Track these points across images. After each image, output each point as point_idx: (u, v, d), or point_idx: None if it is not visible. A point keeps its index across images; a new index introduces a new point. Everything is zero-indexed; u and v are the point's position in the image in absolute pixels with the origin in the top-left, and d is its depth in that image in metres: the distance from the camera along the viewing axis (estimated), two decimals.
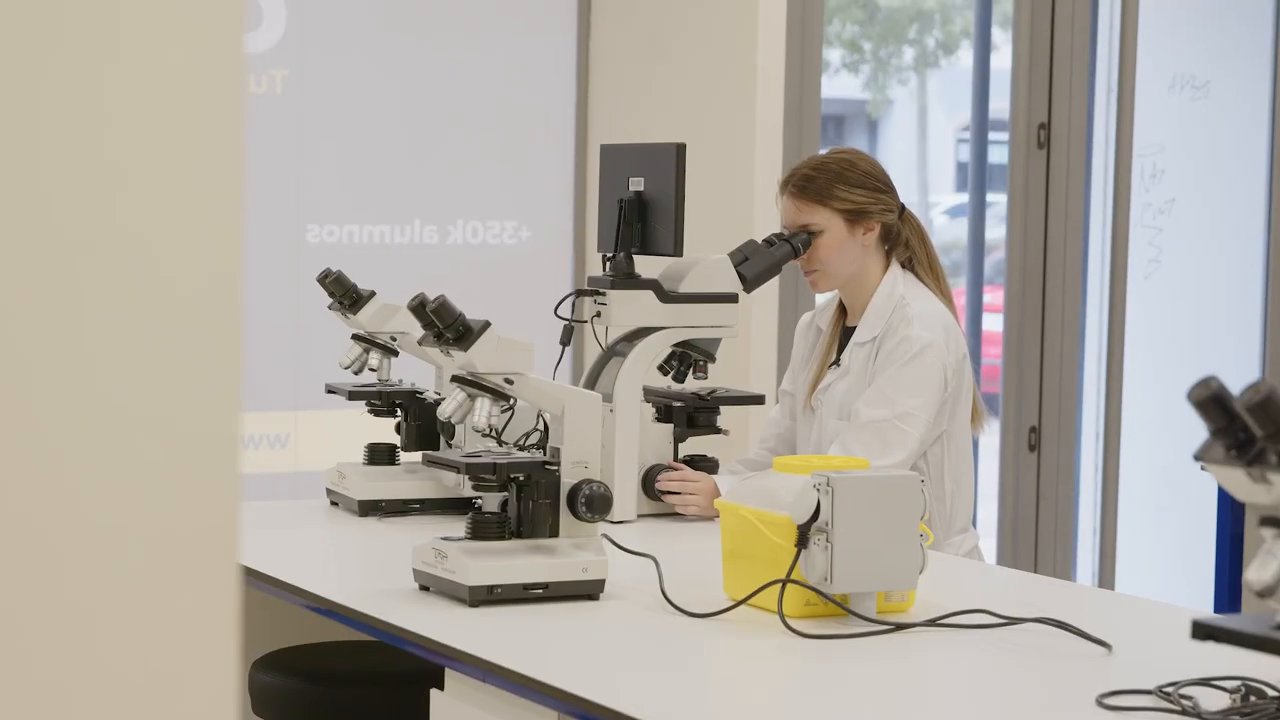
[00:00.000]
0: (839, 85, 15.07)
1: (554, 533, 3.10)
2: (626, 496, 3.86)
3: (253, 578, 3.37)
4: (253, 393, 5.81)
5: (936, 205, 15.26)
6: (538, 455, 3.13)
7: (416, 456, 3.83)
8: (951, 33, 14.52)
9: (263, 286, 5.74)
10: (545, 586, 3.06)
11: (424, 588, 3.14)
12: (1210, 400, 1.92)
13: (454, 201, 6.04)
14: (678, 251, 3.88)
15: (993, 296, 6.96)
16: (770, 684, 2.81)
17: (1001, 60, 6.37)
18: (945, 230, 14.66)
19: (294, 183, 5.83)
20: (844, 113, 15.75)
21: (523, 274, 6.01)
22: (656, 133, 5.37)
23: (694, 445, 4.03)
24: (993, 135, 6.72)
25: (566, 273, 6.08)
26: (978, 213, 6.98)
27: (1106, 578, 6.11)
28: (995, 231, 6.42)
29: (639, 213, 3.94)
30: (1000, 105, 6.31)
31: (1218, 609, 4.32)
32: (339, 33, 5.85)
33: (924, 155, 15.74)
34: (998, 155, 6.39)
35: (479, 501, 3.24)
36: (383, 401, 3.96)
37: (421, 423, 3.92)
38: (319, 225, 5.87)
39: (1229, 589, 4.48)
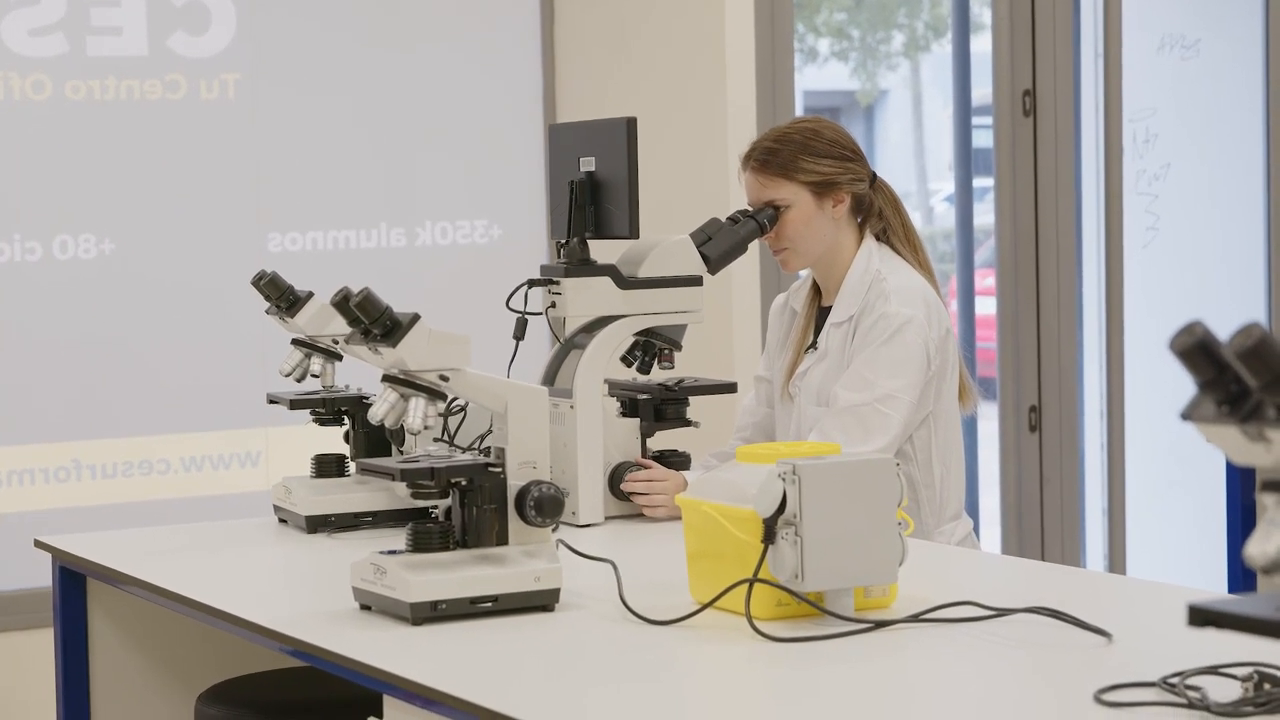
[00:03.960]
0: (830, 75, 14.88)
1: (502, 540, 2.86)
2: (592, 498, 3.62)
3: (192, 607, 3.14)
4: (221, 410, 5.61)
5: (936, 193, 15.05)
6: (481, 458, 2.89)
7: None
8: (940, 15, 14.31)
9: (225, 300, 5.53)
10: (495, 599, 2.81)
11: (365, 607, 2.90)
12: (1196, 348, 1.67)
13: (421, 202, 5.83)
14: (634, 234, 3.64)
15: (994, 281, 6.73)
16: (740, 694, 2.56)
17: (987, 42, 6.13)
18: (945, 217, 14.45)
19: (252, 190, 5.62)
20: (839, 104, 15.56)
21: (496, 273, 5.77)
22: None
23: (663, 440, 3.79)
24: (986, 119, 6.47)
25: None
26: (964, 194, 6.75)
27: (1117, 561, 5.88)
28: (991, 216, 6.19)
29: (591, 194, 3.70)
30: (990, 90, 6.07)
31: (1232, 588, 4.06)
32: (292, 32, 5.64)
33: (920, 142, 15.54)
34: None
35: (435, 511, 3.00)
36: (327, 409, 3.72)
37: (370, 430, 3.68)
38: (281, 233, 5.65)
39: (1243, 567, 4.23)
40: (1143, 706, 2.24)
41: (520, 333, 3.65)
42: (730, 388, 3.87)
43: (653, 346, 3.74)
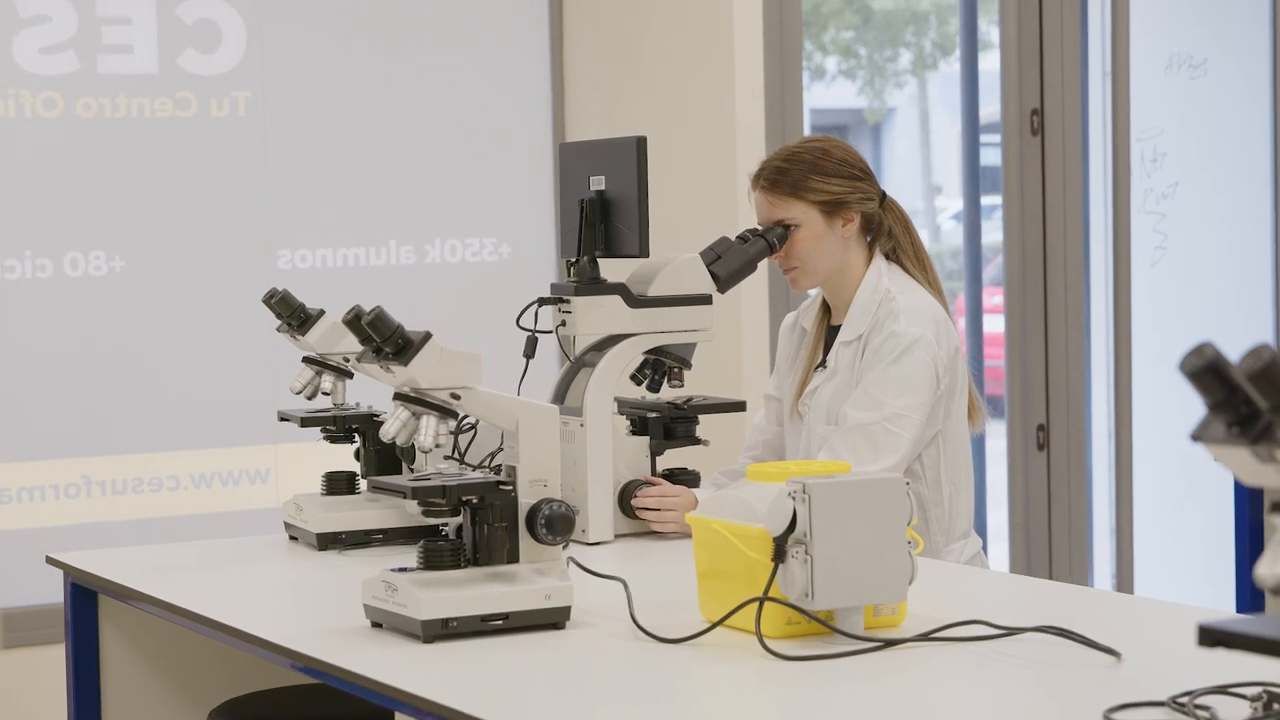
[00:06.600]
0: (838, 94, 14.88)
1: (513, 558, 2.87)
2: (602, 516, 3.63)
3: (203, 624, 3.15)
4: (231, 427, 5.61)
5: (944, 211, 15.05)
6: (492, 476, 2.90)
7: None
8: (947, 34, 14.32)
9: (235, 317, 5.54)
10: (505, 617, 2.82)
11: (376, 624, 2.91)
12: (1206, 370, 1.68)
13: (430, 219, 5.84)
14: (644, 252, 3.65)
15: (1002, 299, 6.72)
16: (750, 713, 2.56)
17: (995, 60, 6.14)
18: (954, 235, 14.45)
19: (262, 207, 5.63)
20: (847, 123, 15.55)
21: (506, 291, 5.78)
22: None
23: (672, 458, 3.79)
24: (994, 138, 6.47)
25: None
26: (972, 212, 6.75)
27: (1125, 579, 5.87)
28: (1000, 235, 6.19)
29: (601, 213, 3.71)
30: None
31: (1240, 608, 4.06)
32: (303, 50, 5.66)
33: (928, 160, 15.53)
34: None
35: (446, 529, 3.01)
36: (338, 427, 3.73)
37: (381, 448, 3.69)
38: (290, 250, 5.67)
39: (1252, 585, 4.22)
40: None
41: (530, 351, 3.66)
42: (739, 406, 3.88)
43: (662, 365, 3.75)
